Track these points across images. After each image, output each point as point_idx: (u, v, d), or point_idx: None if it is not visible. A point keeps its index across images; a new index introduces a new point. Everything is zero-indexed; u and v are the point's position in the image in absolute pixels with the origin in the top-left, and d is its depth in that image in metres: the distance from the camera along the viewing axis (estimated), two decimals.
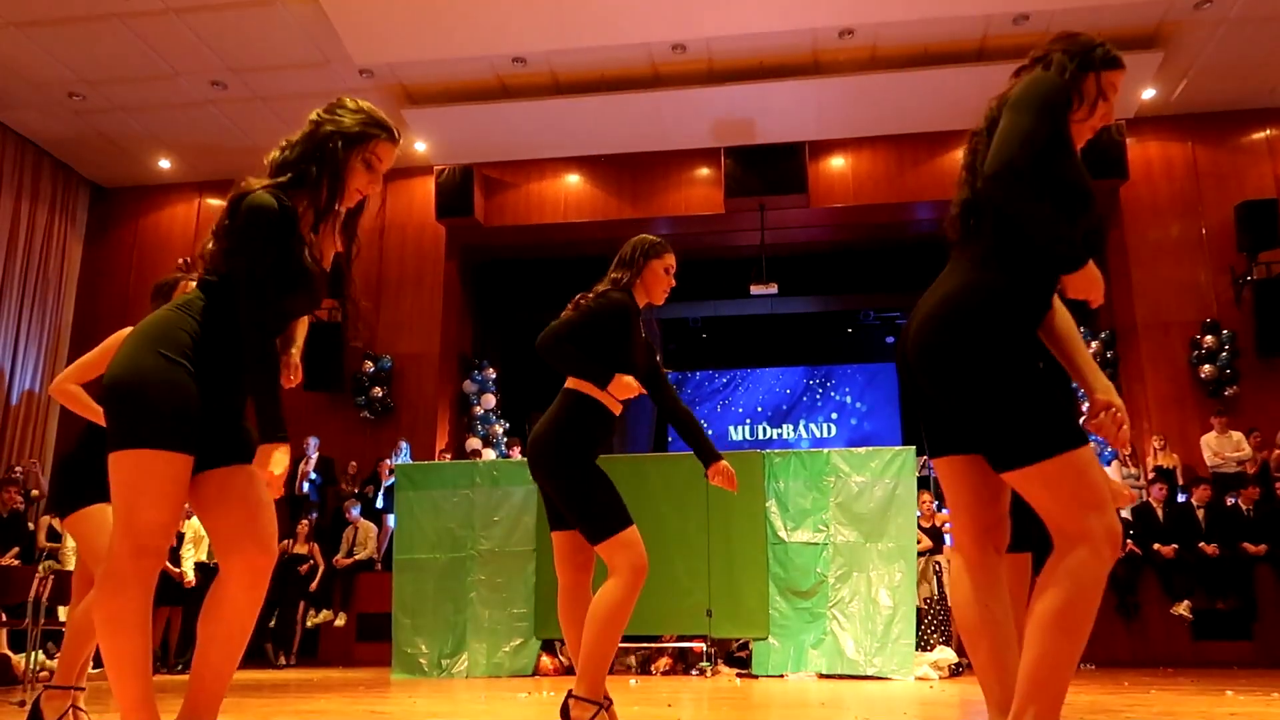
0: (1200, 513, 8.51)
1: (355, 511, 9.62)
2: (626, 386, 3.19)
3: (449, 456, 10.60)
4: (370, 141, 2.41)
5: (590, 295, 3.30)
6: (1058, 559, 2.06)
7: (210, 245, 2.36)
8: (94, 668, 5.82)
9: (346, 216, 2.50)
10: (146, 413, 2.16)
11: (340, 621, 9.08)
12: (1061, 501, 2.05)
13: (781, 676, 6.78)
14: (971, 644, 2.34)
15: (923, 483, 7.04)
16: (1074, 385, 2.36)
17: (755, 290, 10.94)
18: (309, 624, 9.03)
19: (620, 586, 3.06)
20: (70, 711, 3.47)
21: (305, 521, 9.45)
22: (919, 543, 7.29)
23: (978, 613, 2.30)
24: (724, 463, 3.47)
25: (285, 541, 9.40)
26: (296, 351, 2.62)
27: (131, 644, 2.18)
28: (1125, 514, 8.83)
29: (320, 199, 2.38)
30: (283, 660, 8.77)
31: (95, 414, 3.43)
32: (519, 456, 10.47)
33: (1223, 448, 9.45)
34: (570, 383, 3.26)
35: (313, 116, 2.44)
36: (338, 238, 2.50)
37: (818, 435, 14.33)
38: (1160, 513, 8.64)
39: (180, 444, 2.18)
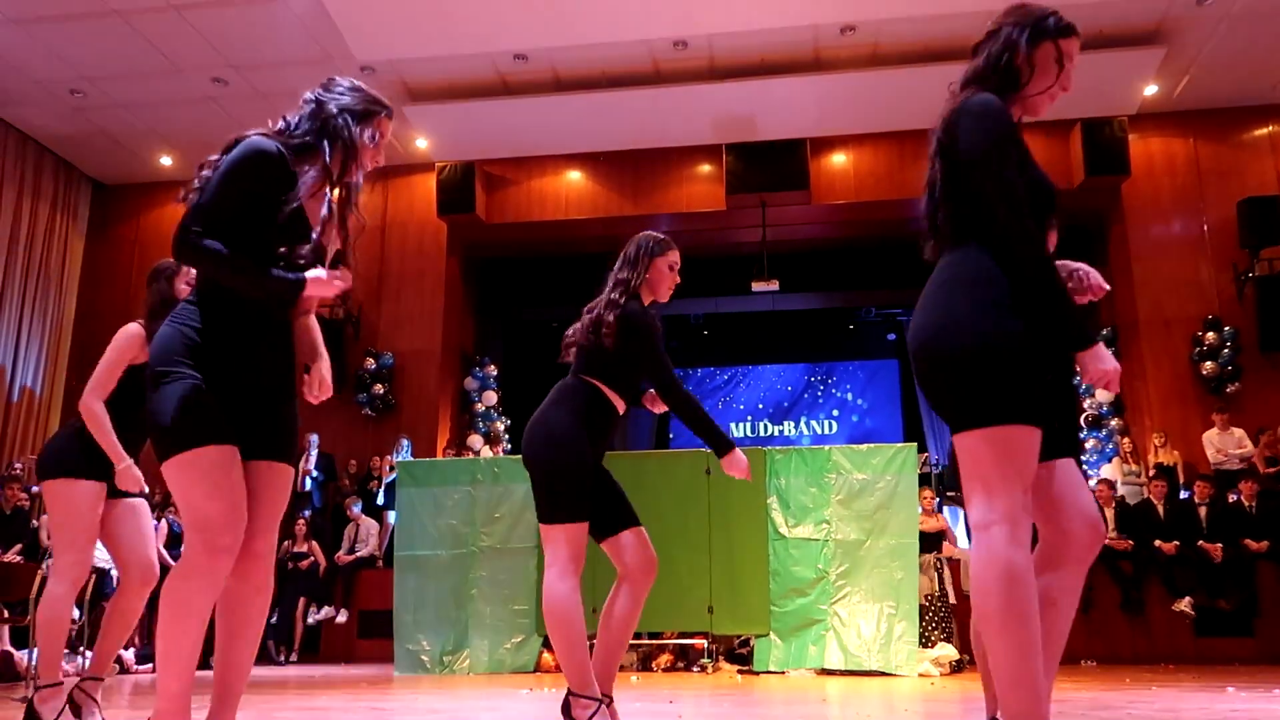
0: (1202, 510, 8.50)
1: (356, 509, 9.63)
2: (742, 469, 3.28)
3: (451, 453, 10.60)
4: (374, 118, 2.46)
5: (613, 310, 3.23)
6: (977, 543, 2.04)
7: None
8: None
9: (341, 200, 2.51)
10: (169, 425, 2.21)
11: (342, 618, 9.08)
12: (981, 476, 2.02)
13: (783, 673, 6.78)
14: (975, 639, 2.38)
15: (923, 479, 7.04)
16: (1075, 381, 2.30)
17: (756, 287, 10.93)
18: (309, 621, 9.03)
19: (552, 578, 3.05)
20: (68, 707, 3.47)
21: (302, 520, 9.45)
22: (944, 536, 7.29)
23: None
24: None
25: (285, 543, 9.40)
26: (325, 366, 2.58)
27: (183, 636, 2.20)
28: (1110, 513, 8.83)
29: (334, 171, 2.42)
30: (284, 657, 8.78)
31: (110, 445, 3.43)
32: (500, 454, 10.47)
33: (1225, 445, 9.44)
34: (583, 377, 3.24)
35: (310, 95, 2.46)
36: (336, 220, 2.50)
37: (819, 432, 14.33)
38: (1161, 509, 8.63)
39: (211, 436, 2.21)
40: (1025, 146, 2.22)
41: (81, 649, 6.48)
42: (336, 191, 2.48)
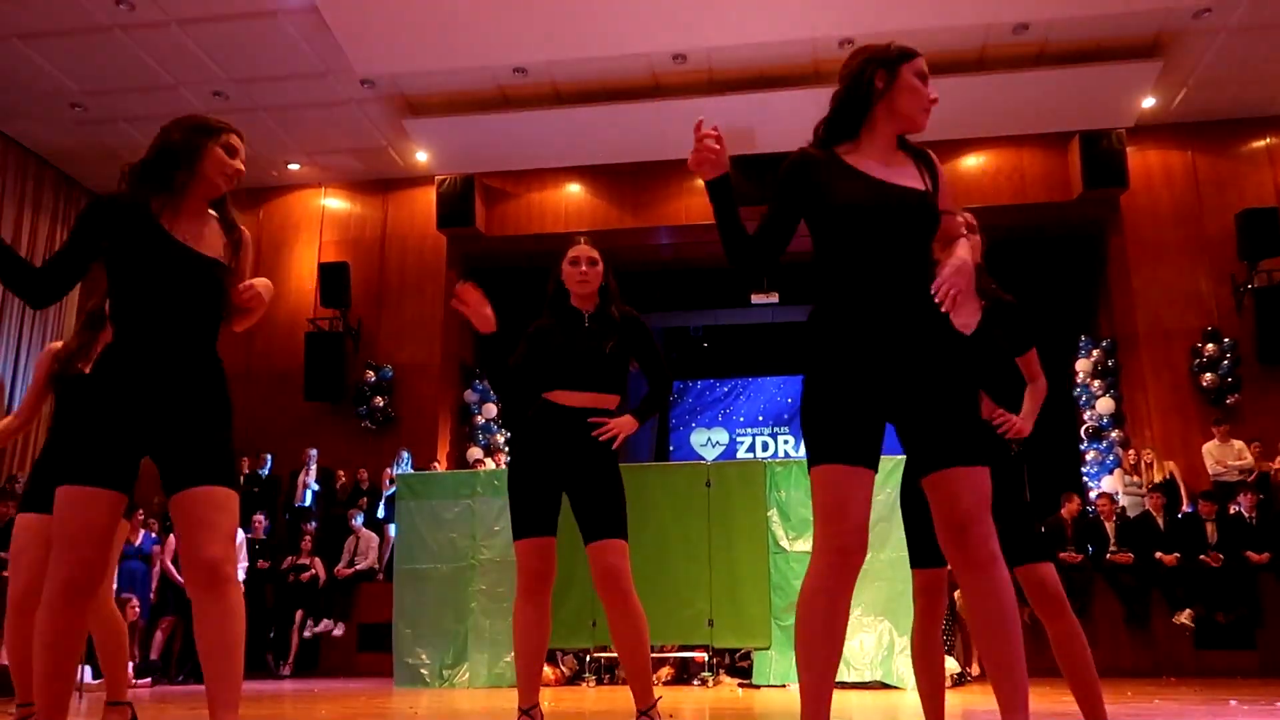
0: (1209, 526, 8.46)
1: (357, 521, 9.60)
2: None
3: (440, 466, 10.59)
4: (221, 133, 2.54)
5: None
6: None
7: None
8: (94, 679, 5.75)
9: (221, 210, 2.60)
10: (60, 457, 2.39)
11: (339, 631, 9.04)
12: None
13: (783, 686, 6.76)
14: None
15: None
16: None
17: (756, 299, 10.94)
18: (305, 634, 8.99)
19: (516, 593, 3.34)
20: None
21: (308, 536, 9.42)
22: None
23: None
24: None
25: (289, 556, 9.38)
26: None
27: (38, 664, 2.32)
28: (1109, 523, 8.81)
29: (174, 182, 2.49)
30: (282, 670, 8.76)
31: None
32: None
33: (1224, 456, 9.43)
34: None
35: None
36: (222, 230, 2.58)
37: None
38: (1161, 521, 8.61)
39: (74, 476, 2.32)
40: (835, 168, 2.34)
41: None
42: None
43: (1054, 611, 2.88)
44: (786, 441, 14.39)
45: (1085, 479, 10.41)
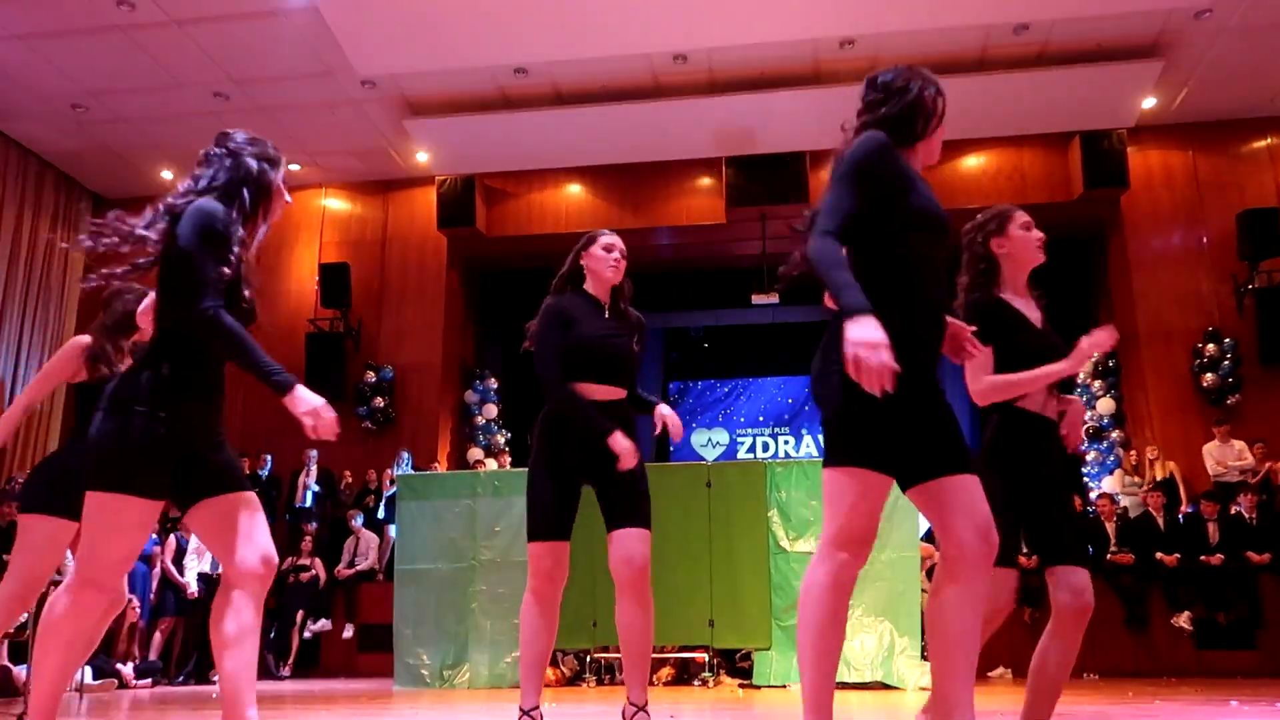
0: (1211, 526, 8.45)
1: (358, 521, 9.60)
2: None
3: (440, 467, 10.58)
4: (282, 163, 2.60)
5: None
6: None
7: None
8: (95, 679, 5.78)
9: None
10: (120, 460, 2.31)
11: (348, 634, 9.03)
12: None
13: (784, 687, 6.76)
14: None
15: None
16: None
17: (757, 300, 10.93)
18: (305, 634, 8.99)
19: (525, 593, 3.33)
20: None
21: (309, 536, 9.42)
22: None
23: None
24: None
25: (290, 558, 9.38)
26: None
27: (52, 660, 2.37)
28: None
29: (262, 216, 2.54)
30: (281, 670, 8.76)
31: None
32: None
33: (1225, 457, 9.43)
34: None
35: (219, 149, 2.55)
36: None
37: (820, 445, 14.26)
38: (1161, 521, 8.61)
39: (150, 489, 2.34)
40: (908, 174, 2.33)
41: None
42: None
43: (1080, 621, 2.83)
44: (787, 442, 14.39)
45: (1086, 479, 10.41)
